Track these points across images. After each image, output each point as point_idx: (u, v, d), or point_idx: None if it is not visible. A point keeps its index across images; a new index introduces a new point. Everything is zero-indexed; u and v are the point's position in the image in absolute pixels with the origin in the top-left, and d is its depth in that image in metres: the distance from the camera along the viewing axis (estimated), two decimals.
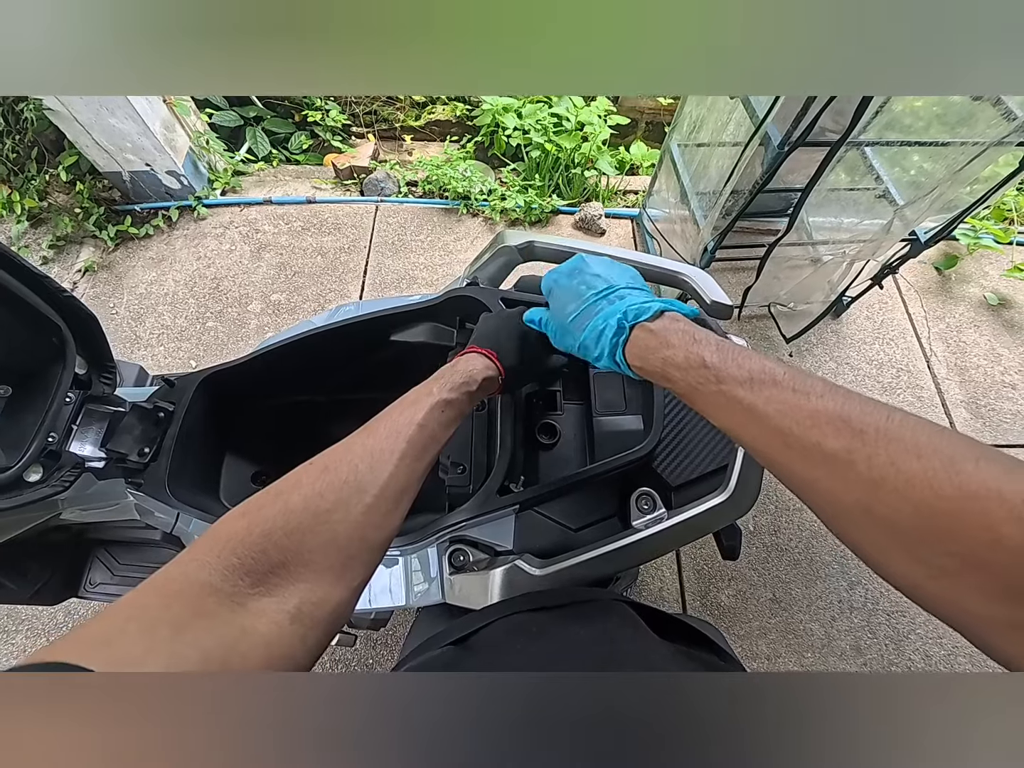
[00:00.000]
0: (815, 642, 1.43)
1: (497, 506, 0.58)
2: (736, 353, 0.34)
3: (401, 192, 2.17)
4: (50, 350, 0.80)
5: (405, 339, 0.85)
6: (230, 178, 2.12)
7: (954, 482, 0.22)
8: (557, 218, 2.11)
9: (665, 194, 1.82)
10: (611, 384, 0.68)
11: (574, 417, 0.70)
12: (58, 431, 0.81)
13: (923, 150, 1.41)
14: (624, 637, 0.45)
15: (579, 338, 0.42)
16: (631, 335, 0.39)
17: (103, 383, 0.88)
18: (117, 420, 0.86)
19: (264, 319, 1.84)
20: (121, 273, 1.94)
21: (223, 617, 0.28)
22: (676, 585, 1.50)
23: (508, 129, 2.13)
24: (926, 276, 2.04)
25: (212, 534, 0.32)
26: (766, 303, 1.82)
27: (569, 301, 0.44)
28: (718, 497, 0.55)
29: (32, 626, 1.38)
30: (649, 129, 2.50)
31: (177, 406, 0.88)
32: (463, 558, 0.61)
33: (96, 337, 0.85)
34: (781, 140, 1.14)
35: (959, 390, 1.79)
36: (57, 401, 0.80)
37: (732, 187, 1.32)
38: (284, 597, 0.30)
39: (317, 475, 0.35)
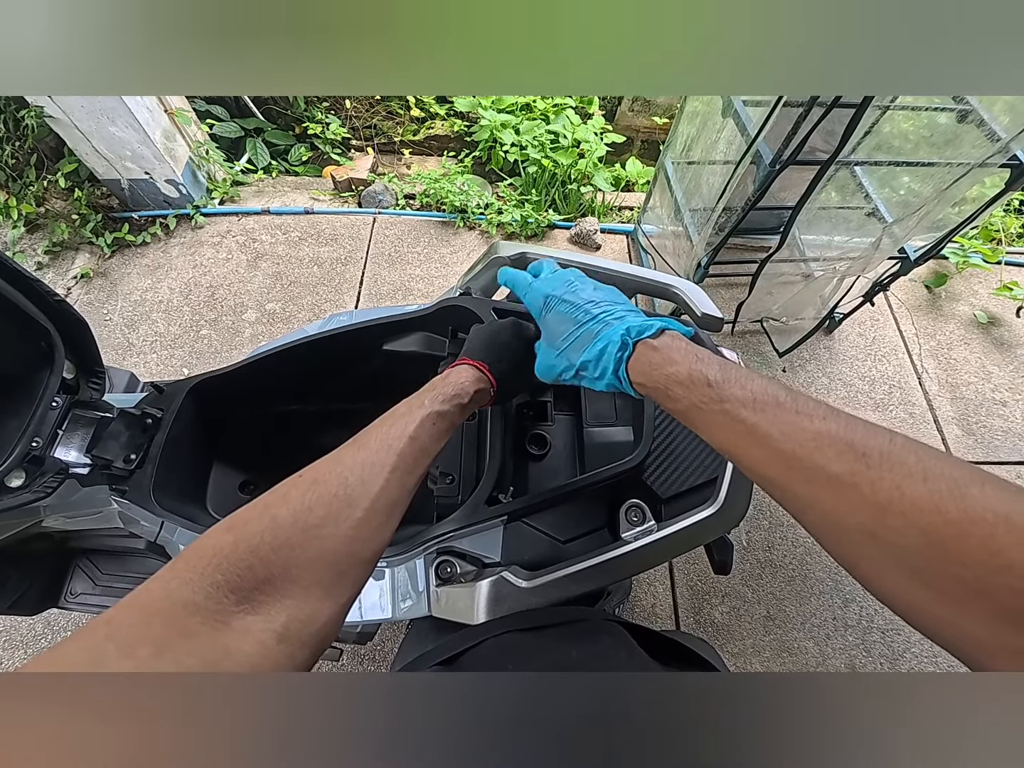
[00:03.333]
0: (810, 660, 1.41)
1: (485, 517, 0.57)
2: (739, 373, 0.33)
3: (399, 204, 2.19)
4: (38, 354, 0.79)
5: (397, 348, 0.84)
6: (229, 188, 2.13)
7: (960, 506, 0.22)
8: (553, 232, 2.13)
9: (659, 210, 1.84)
10: (602, 396, 0.68)
11: (565, 428, 0.70)
12: (43, 436, 0.80)
13: (912, 171, 1.44)
14: (617, 658, 0.45)
15: (578, 358, 0.42)
16: (634, 351, 0.38)
17: (91, 388, 0.87)
18: (104, 426, 0.85)
19: (259, 328, 1.84)
20: (116, 280, 1.93)
21: (206, 637, 0.27)
22: (669, 601, 1.48)
23: (505, 145, 2.16)
24: (916, 294, 2.07)
25: (196, 549, 0.31)
26: (759, 318, 1.83)
27: (564, 323, 0.43)
28: (708, 510, 0.55)
29: (10, 637, 1.35)
30: (644, 147, 2.54)
31: (165, 413, 0.87)
32: (450, 570, 0.60)
33: (86, 342, 0.85)
34: (772, 158, 1.16)
35: (950, 407, 1.80)
36: (43, 406, 0.79)
37: (724, 204, 1.34)
38: (271, 615, 0.29)
39: (306, 488, 0.34)
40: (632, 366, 0.39)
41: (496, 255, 0.73)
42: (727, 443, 0.33)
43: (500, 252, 0.73)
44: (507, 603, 0.52)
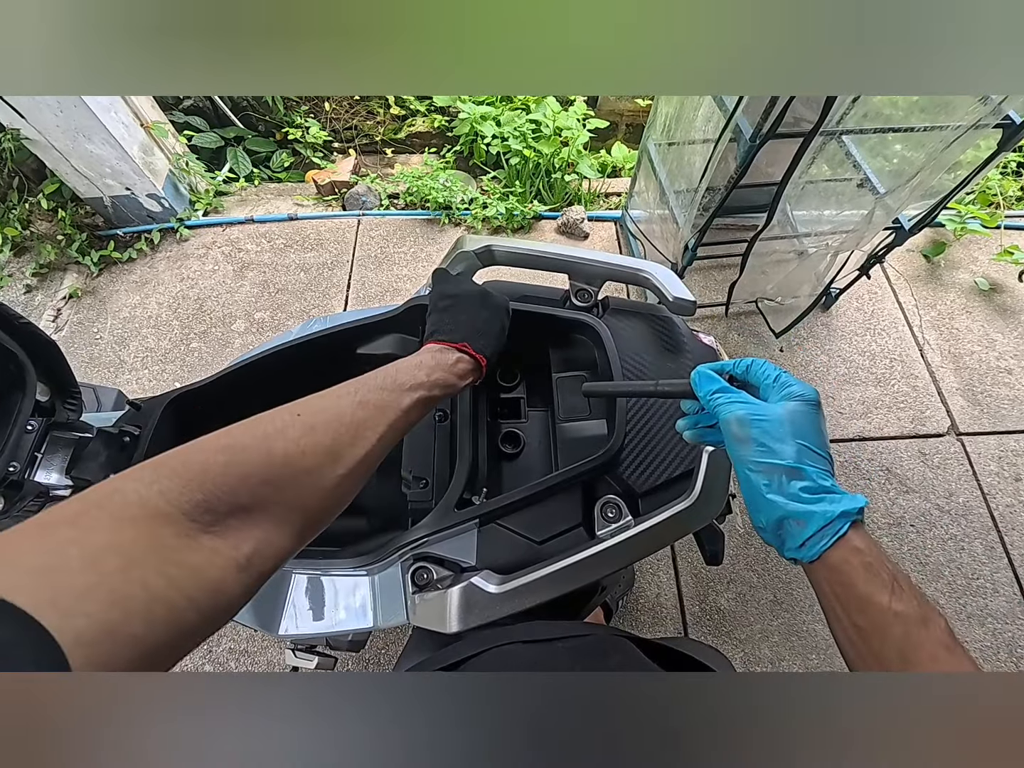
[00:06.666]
0: (819, 643, 1.39)
1: (456, 520, 0.55)
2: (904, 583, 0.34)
3: (383, 205, 2.17)
4: (8, 378, 0.78)
5: (371, 352, 0.83)
6: (212, 199, 2.12)
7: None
8: (540, 224, 2.09)
9: (645, 194, 1.81)
10: (574, 388, 0.66)
11: (539, 425, 0.68)
12: (20, 460, 0.79)
13: (904, 139, 1.39)
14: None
15: (776, 514, 0.36)
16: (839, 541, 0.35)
17: (68, 409, 0.87)
18: (82, 446, 0.85)
19: (248, 338, 1.83)
20: (105, 298, 1.93)
21: (177, 554, 0.26)
22: (674, 590, 1.46)
23: (487, 137, 2.13)
24: (914, 264, 2.02)
25: (184, 461, 0.30)
26: (752, 299, 1.79)
27: (782, 476, 0.36)
28: (684, 502, 0.53)
29: None
30: (629, 131, 2.50)
31: (143, 429, 0.86)
32: (426, 576, 0.58)
33: (58, 363, 0.84)
34: (752, 133, 1.12)
35: (954, 378, 1.76)
36: (17, 430, 0.79)
37: (707, 183, 1.30)
38: (238, 542, 0.29)
39: (303, 431, 0.35)
40: (832, 551, 0.35)
41: (462, 249, 0.71)
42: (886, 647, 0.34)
43: (465, 247, 0.71)
44: (477, 610, 0.50)
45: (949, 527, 1.54)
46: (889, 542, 1.52)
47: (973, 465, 1.62)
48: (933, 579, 1.48)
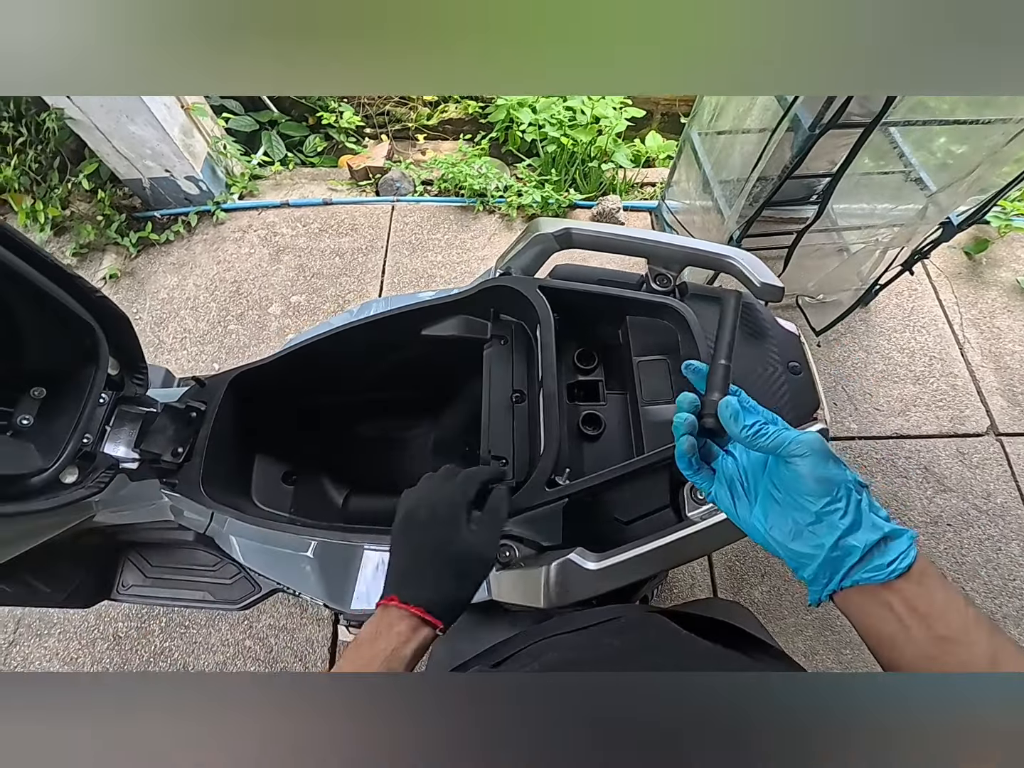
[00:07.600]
0: (853, 638, 1.38)
1: (545, 499, 0.56)
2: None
3: (416, 191, 2.16)
4: (83, 351, 0.80)
5: (436, 333, 0.83)
6: (247, 182, 2.13)
7: None
8: (575, 212, 2.08)
9: (685, 185, 1.79)
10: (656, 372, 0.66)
11: (618, 407, 0.68)
12: (92, 432, 0.81)
13: (950, 132, 1.36)
14: (668, 647, 0.43)
15: (871, 537, 0.35)
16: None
17: (135, 384, 0.88)
18: (150, 421, 0.86)
19: (285, 321, 1.84)
20: (143, 279, 1.95)
21: None
22: (708, 582, 1.47)
23: (523, 124, 2.11)
24: (956, 261, 1.98)
25: None
26: (793, 295, 1.77)
27: (824, 509, 0.35)
28: None
29: (64, 629, 1.39)
30: (664, 120, 2.47)
31: (208, 406, 0.88)
32: (509, 554, 0.59)
33: (128, 337, 0.85)
34: (812, 122, 1.11)
35: (994, 377, 1.73)
36: (91, 402, 0.80)
37: (759, 174, 1.29)
38: None
39: None
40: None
41: (538, 232, 0.71)
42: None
43: (542, 229, 0.71)
44: (575, 586, 0.51)
45: (986, 527, 1.52)
46: (925, 541, 1.51)
47: (1012, 466, 1.60)
48: (969, 579, 1.47)
